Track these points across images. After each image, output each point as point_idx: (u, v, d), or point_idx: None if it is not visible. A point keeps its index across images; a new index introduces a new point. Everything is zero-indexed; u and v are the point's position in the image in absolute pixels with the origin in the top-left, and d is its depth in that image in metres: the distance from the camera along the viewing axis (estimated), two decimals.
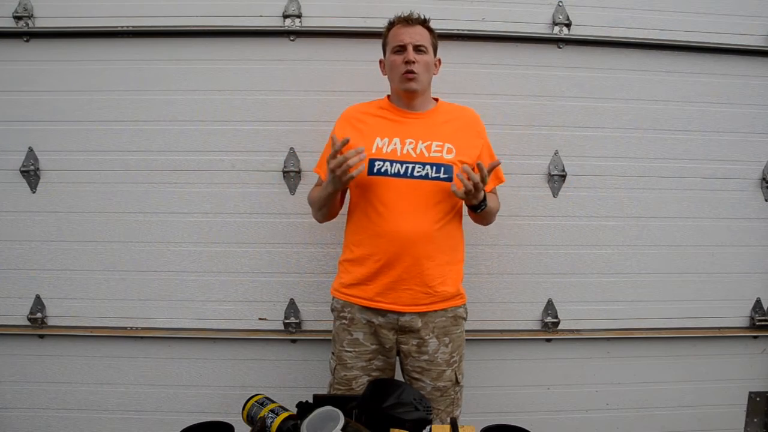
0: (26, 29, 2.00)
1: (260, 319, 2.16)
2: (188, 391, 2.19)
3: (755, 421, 2.31)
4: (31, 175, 2.07)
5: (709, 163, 2.18)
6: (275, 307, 2.15)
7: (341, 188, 1.59)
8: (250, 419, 1.31)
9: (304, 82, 2.06)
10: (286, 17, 2.03)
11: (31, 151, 2.07)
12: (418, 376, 1.70)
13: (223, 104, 2.07)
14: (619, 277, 2.19)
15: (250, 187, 2.10)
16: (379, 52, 1.77)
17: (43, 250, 2.11)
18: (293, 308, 2.15)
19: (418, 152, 1.63)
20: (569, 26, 2.08)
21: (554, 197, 2.15)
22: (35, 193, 2.09)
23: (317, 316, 2.13)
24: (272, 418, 1.25)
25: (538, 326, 2.20)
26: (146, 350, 2.16)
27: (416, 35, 1.64)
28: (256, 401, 1.33)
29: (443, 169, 1.62)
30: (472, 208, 1.63)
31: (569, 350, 2.23)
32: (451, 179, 1.61)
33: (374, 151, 1.63)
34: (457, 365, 1.73)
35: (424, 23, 1.68)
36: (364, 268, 1.65)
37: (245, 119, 2.08)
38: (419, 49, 1.64)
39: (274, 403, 1.32)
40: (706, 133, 2.16)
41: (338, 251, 1.79)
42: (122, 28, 2.01)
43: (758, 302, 2.25)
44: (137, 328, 2.14)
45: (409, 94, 1.67)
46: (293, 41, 2.06)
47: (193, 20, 2.03)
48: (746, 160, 2.18)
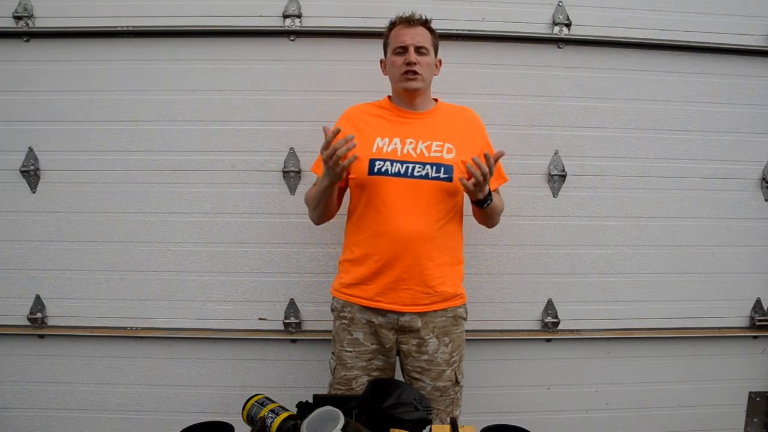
0: (26, 29, 2.00)
1: (260, 319, 2.16)
2: (188, 391, 2.19)
3: (755, 421, 2.31)
4: (31, 175, 2.07)
5: (709, 163, 2.18)
6: (275, 307, 2.15)
7: (336, 181, 1.57)
8: (250, 419, 1.31)
9: (304, 82, 2.06)
10: (286, 17, 2.03)
11: (31, 151, 2.07)
12: (418, 376, 1.70)
13: (223, 104, 2.07)
14: (619, 277, 2.19)
15: (250, 187, 2.10)
16: (379, 51, 1.77)
17: (43, 250, 2.11)
18: (293, 308, 2.15)
19: (418, 152, 1.63)
20: (569, 26, 2.08)
21: (554, 197, 2.15)
22: (35, 193, 2.09)
23: (317, 316, 2.13)
24: (272, 418, 1.25)
25: (538, 326, 2.20)
26: (146, 350, 2.16)
27: (418, 36, 1.64)
28: (256, 401, 1.33)
29: (443, 169, 1.62)
30: (478, 203, 1.61)
31: (569, 350, 2.23)
32: (451, 179, 1.61)
33: (374, 150, 1.63)
34: (457, 365, 1.73)
35: (425, 24, 1.68)
36: (364, 267, 1.65)
37: (245, 119, 2.08)
38: (420, 50, 1.64)
39: (274, 403, 1.32)
40: (706, 133, 2.16)
41: (338, 251, 1.79)
42: (122, 28, 2.01)
43: (758, 302, 2.25)
44: (137, 328, 2.14)
45: (409, 93, 1.67)
46: (293, 41, 2.06)
47: (193, 20, 2.03)
48: (746, 160, 2.18)
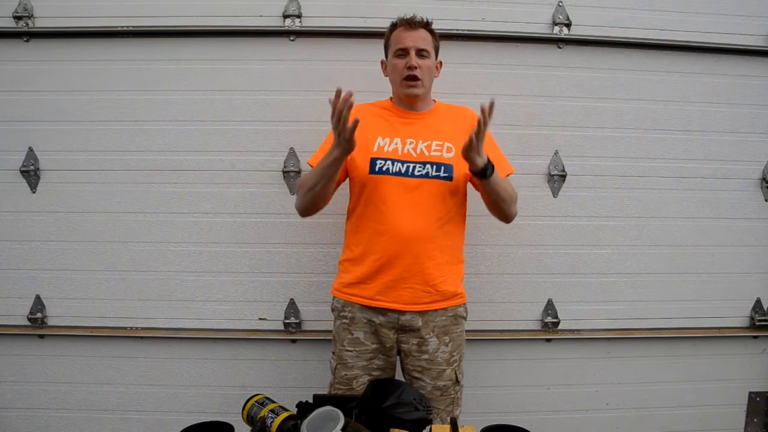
0: (26, 29, 2.00)
1: (260, 319, 2.16)
2: (188, 391, 2.18)
3: (755, 421, 2.31)
4: (31, 175, 2.07)
5: (709, 163, 2.17)
6: (275, 307, 2.15)
7: (348, 150, 1.49)
8: (250, 419, 1.31)
9: (304, 82, 2.06)
10: (286, 17, 2.03)
11: (31, 151, 2.07)
12: (418, 375, 1.70)
13: (223, 104, 2.07)
14: (619, 277, 2.19)
15: (250, 187, 2.10)
16: (379, 52, 1.77)
17: (43, 250, 2.11)
18: (293, 308, 2.15)
19: (418, 152, 1.64)
20: (569, 26, 2.08)
21: (554, 197, 2.15)
22: (35, 193, 2.09)
23: (317, 316, 2.12)
24: (272, 418, 1.25)
25: (538, 326, 2.20)
26: (146, 350, 2.16)
27: (419, 39, 1.64)
28: (256, 401, 1.33)
29: (443, 168, 1.62)
30: (480, 174, 1.53)
31: (569, 350, 2.23)
32: (451, 178, 1.62)
33: (375, 150, 1.64)
34: (457, 364, 1.73)
35: (426, 26, 1.67)
36: (364, 267, 1.65)
37: (245, 119, 2.07)
38: (421, 53, 1.64)
39: (274, 403, 1.32)
40: (706, 133, 2.16)
41: (338, 251, 1.79)
42: (122, 28, 2.01)
43: (758, 302, 2.25)
44: (137, 328, 2.14)
45: (410, 98, 1.68)
46: (293, 41, 2.06)
47: (193, 20, 2.02)
48: (746, 160, 2.18)
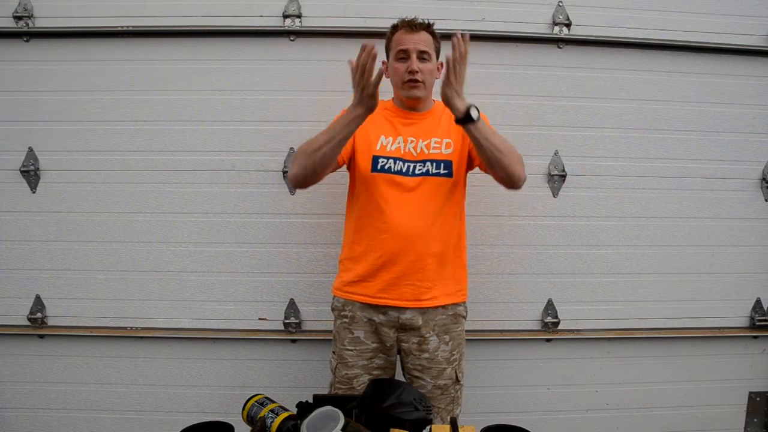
0: (26, 29, 2.00)
1: (260, 319, 2.16)
2: (188, 391, 2.18)
3: (755, 421, 2.31)
4: (31, 175, 2.07)
5: (709, 163, 2.17)
6: (275, 307, 2.15)
7: (372, 107, 1.48)
8: (250, 419, 1.31)
9: (304, 82, 2.06)
10: (286, 17, 2.03)
11: (31, 151, 2.07)
12: (418, 374, 1.71)
13: (223, 104, 2.07)
14: (619, 277, 2.19)
15: (250, 187, 2.10)
16: (379, 52, 1.76)
17: (43, 250, 2.11)
18: (293, 308, 2.15)
19: (418, 151, 1.66)
20: (569, 26, 2.08)
21: (554, 197, 2.15)
22: (35, 193, 2.09)
23: (317, 316, 2.12)
24: (272, 418, 1.25)
25: (538, 326, 2.20)
26: (146, 350, 2.16)
27: (420, 42, 1.64)
28: (256, 401, 1.33)
29: (443, 164, 1.65)
30: (465, 120, 1.48)
31: (569, 350, 2.23)
32: (451, 174, 1.65)
33: (378, 148, 1.66)
34: (457, 363, 1.73)
35: (427, 28, 1.67)
36: (365, 264, 1.66)
37: (245, 119, 2.08)
38: (422, 56, 1.64)
39: (274, 403, 1.32)
40: (706, 133, 2.16)
41: (338, 251, 1.79)
42: (122, 28, 2.01)
43: (758, 302, 2.25)
44: (137, 328, 2.14)
45: (412, 100, 1.69)
46: (293, 41, 2.06)
47: (193, 20, 2.03)
48: (746, 160, 2.18)
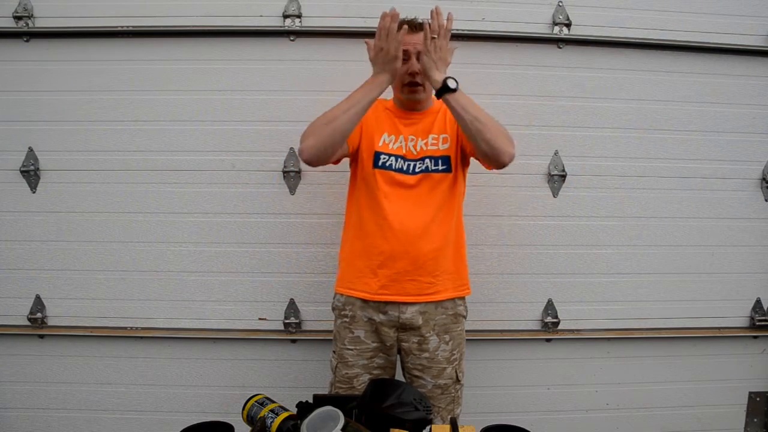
0: (26, 29, 2.00)
1: (260, 319, 2.16)
2: (188, 391, 2.18)
3: (755, 421, 2.31)
4: (31, 175, 2.07)
5: (709, 163, 2.17)
6: (275, 307, 2.15)
7: (395, 72, 1.55)
8: (250, 419, 1.31)
9: (304, 82, 2.06)
10: (286, 17, 2.03)
11: (31, 151, 2.07)
12: (418, 373, 1.71)
13: (223, 104, 2.07)
14: (619, 277, 2.19)
15: (250, 187, 2.10)
16: None
17: (43, 250, 2.11)
18: (293, 308, 2.15)
19: (418, 149, 1.67)
20: (569, 26, 2.08)
21: (554, 197, 2.15)
22: (35, 193, 2.09)
23: (317, 316, 2.13)
24: (272, 418, 1.25)
25: (538, 326, 2.20)
26: (146, 350, 2.16)
27: (420, 43, 1.62)
28: (256, 401, 1.33)
29: (441, 160, 1.66)
30: (444, 90, 1.50)
31: (569, 350, 2.23)
32: (449, 170, 1.66)
33: (381, 145, 1.67)
34: (457, 363, 1.73)
35: None
36: (367, 261, 1.66)
37: (245, 119, 2.08)
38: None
39: (274, 403, 1.32)
40: (706, 133, 2.16)
41: (338, 251, 1.79)
42: (122, 28, 2.01)
43: (758, 302, 2.25)
44: (137, 328, 2.14)
45: (412, 102, 1.70)
46: (293, 41, 2.06)
47: (193, 20, 2.02)
48: (746, 160, 2.18)
